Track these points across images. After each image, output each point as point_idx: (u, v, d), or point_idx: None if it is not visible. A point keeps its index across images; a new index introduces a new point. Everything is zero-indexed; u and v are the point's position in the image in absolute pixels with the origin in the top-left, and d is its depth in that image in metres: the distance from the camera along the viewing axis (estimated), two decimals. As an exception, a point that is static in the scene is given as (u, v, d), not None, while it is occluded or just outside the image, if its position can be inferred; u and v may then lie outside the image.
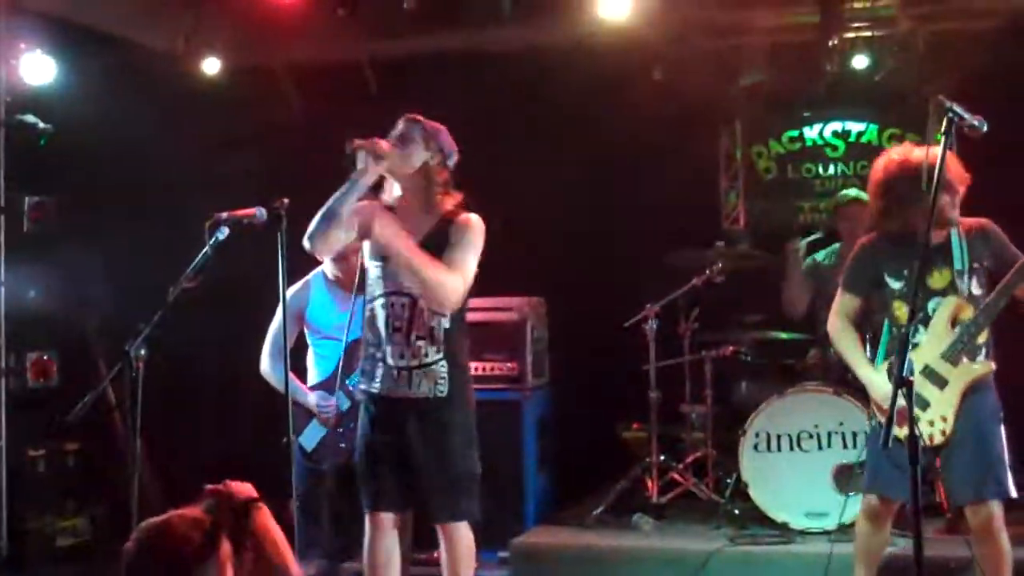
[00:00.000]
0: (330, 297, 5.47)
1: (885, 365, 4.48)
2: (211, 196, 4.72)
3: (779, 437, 5.76)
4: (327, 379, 5.43)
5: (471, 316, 5.58)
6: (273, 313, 5.22)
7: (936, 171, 3.66)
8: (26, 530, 6.37)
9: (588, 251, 6.94)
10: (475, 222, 4.37)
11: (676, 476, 6.25)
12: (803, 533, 5.62)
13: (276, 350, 5.24)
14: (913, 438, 3.35)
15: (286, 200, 4.21)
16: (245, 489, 2.92)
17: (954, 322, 4.38)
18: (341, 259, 5.37)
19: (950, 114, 3.65)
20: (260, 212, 4.38)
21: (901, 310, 4.47)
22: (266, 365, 5.32)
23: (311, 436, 5.38)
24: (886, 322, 4.55)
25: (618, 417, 6.72)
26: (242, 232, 4.38)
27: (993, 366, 4.44)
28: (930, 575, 4.94)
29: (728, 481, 5.99)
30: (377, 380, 4.37)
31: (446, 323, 4.33)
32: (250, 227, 4.41)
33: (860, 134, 7.48)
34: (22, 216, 6.55)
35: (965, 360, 4.37)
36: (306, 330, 5.49)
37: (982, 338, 4.42)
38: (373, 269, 4.41)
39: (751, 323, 6.40)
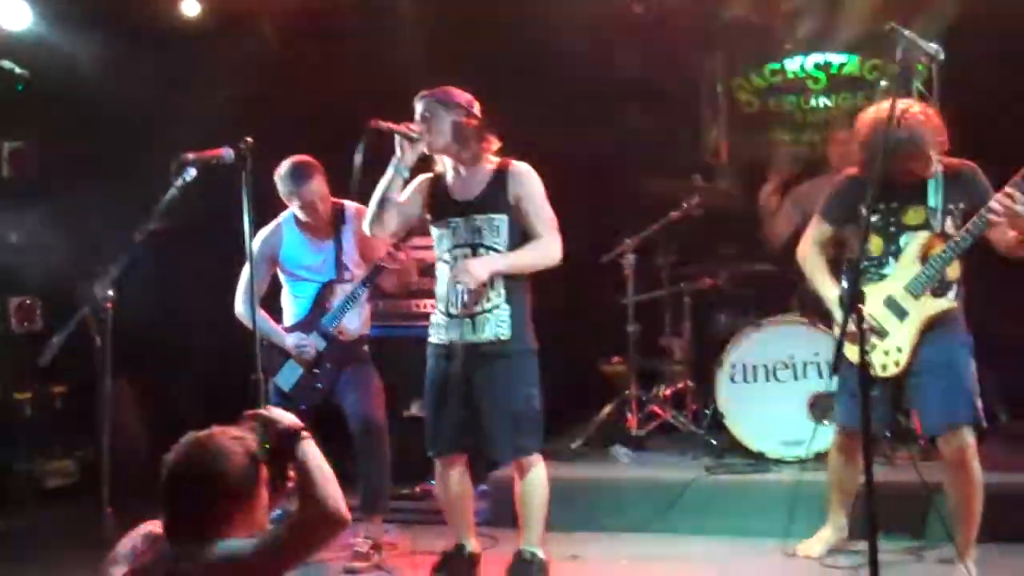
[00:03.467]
0: (303, 239, 5.49)
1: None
2: (194, 137, 4.72)
3: (755, 368, 5.81)
4: (302, 320, 5.47)
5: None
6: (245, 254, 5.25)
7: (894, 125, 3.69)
8: (14, 472, 6.48)
9: (567, 185, 6.91)
10: (527, 170, 4.67)
11: (655, 408, 6.32)
12: (778, 462, 5.68)
13: (247, 293, 5.28)
14: (864, 366, 3.39)
15: (250, 139, 4.23)
16: (288, 418, 2.95)
17: (924, 257, 4.43)
18: (308, 204, 5.39)
19: (904, 43, 3.66)
20: (227, 152, 4.38)
21: (874, 242, 4.52)
22: (240, 307, 5.36)
23: (287, 376, 5.43)
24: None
25: (598, 351, 6.77)
26: (210, 172, 4.41)
27: (956, 303, 4.49)
28: (904, 501, 5.15)
29: (706, 412, 6.05)
30: (444, 330, 4.68)
31: None
32: (218, 167, 4.44)
33: (842, 66, 7.45)
34: (1, 162, 6.58)
35: (928, 295, 4.42)
36: (280, 272, 5.52)
37: (951, 276, 4.47)
38: (434, 232, 4.73)
39: (729, 255, 6.43)
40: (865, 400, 3.92)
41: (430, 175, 4.79)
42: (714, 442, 5.93)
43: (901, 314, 4.43)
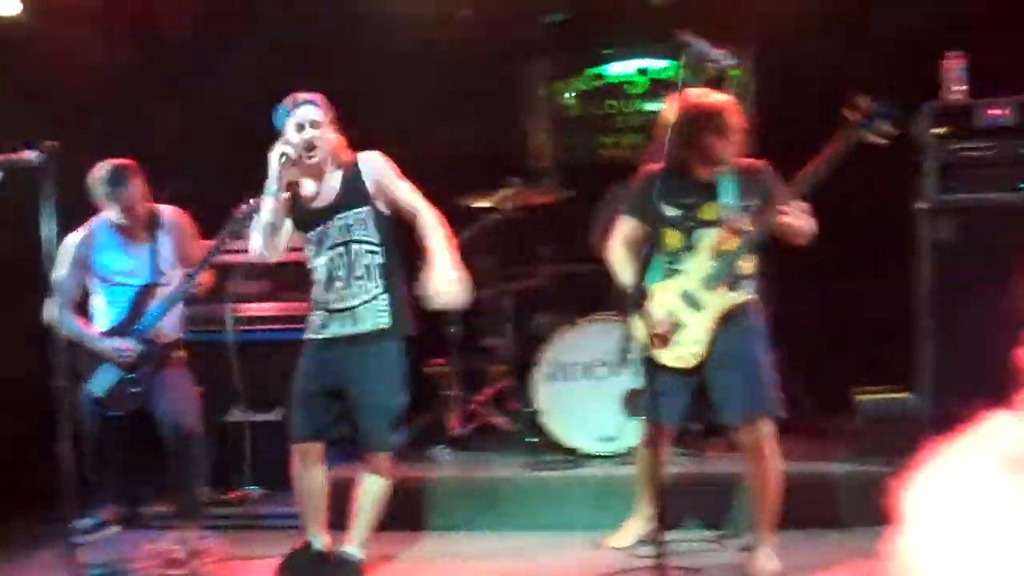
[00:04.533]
0: (117, 242, 5.43)
1: (651, 289, 4.64)
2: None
3: (572, 366, 5.93)
4: (118, 324, 5.40)
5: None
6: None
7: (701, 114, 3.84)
8: None
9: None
10: (374, 156, 4.73)
11: (477, 409, 6.40)
12: (594, 457, 5.82)
13: (60, 298, 5.18)
14: (650, 360, 3.49)
15: (56, 142, 4.17)
16: None
17: (718, 253, 4.59)
18: (128, 208, 5.33)
19: (690, 49, 3.81)
20: (33, 154, 4.33)
21: (671, 237, 4.67)
22: (51, 313, 5.25)
23: (101, 382, 5.35)
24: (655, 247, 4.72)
25: (420, 353, 6.80)
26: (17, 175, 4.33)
27: (751, 297, 4.66)
28: (709, 492, 5.34)
29: (525, 411, 6.15)
30: (325, 327, 4.70)
31: (379, 259, 4.66)
32: (25, 170, 4.37)
33: (661, 71, 7.65)
34: None
35: (723, 289, 4.59)
36: (92, 277, 5.44)
37: (745, 271, 4.64)
38: (311, 238, 4.71)
39: (550, 256, 6.54)
40: (652, 393, 4.14)
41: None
42: (534, 440, 6.01)
43: (697, 307, 4.59)
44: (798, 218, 4.47)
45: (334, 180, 4.71)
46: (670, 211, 4.67)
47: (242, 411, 5.94)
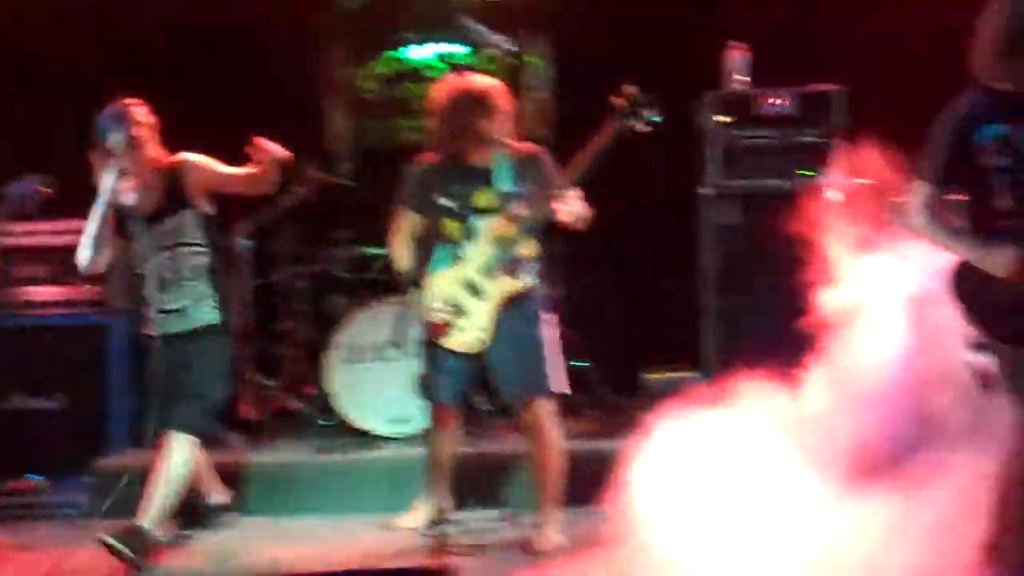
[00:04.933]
0: None
1: (434, 278, 4.70)
2: None
3: (365, 349, 5.92)
4: None
5: (53, 240, 5.48)
6: None
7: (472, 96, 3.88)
8: None
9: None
10: (192, 157, 4.81)
11: (272, 393, 6.32)
12: (387, 439, 5.83)
13: None
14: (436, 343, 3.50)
15: None
16: None
17: (496, 240, 4.65)
18: None
19: (470, 33, 3.84)
20: None
21: (450, 226, 4.70)
22: None
23: None
24: (436, 236, 4.77)
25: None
26: None
27: (530, 283, 4.73)
28: (496, 471, 5.41)
29: (319, 395, 6.10)
30: (158, 324, 4.87)
31: (205, 259, 4.82)
32: None
33: (460, 56, 7.67)
34: None
35: (504, 275, 4.65)
36: None
37: (525, 256, 4.70)
38: (142, 238, 4.83)
39: (344, 239, 6.50)
40: (432, 375, 4.36)
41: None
42: (329, 424, 5.99)
43: (479, 294, 4.65)
44: (570, 204, 4.54)
45: (155, 186, 4.78)
46: (446, 201, 4.71)
47: (21, 398, 5.75)
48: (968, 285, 3.68)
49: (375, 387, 5.88)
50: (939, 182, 3.68)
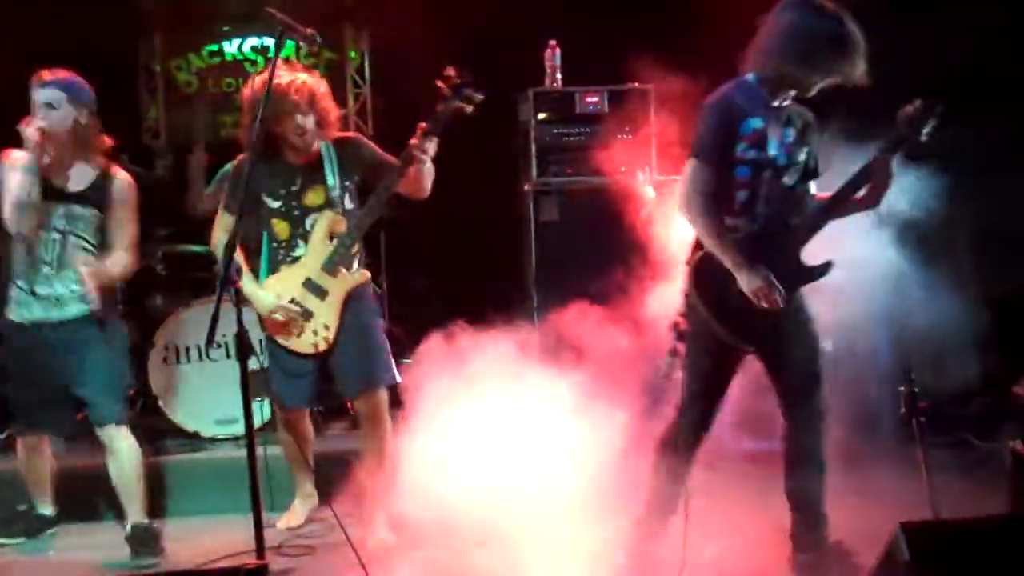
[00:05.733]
0: None
1: (270, 280, 4.69)
2: None
3: (187, 348, 5.85)
4: None
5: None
6: None
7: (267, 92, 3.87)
8: None
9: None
10: (131, 186, 4.84)
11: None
12: (213, 440, 5.79)
13: None
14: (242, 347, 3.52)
15: None
16: None
17: (331, 236, 4.64)
18: None
19: (281, 28, 3.85)
20: None
21: (280, 226, 4.69)
22: None
23: None
24: (265, 237, 4.74)
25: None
26: None
27: (367, 274, 4.79)
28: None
29: (142, 396, 5.99)
30: (27, 309, 4.70)
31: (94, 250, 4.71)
32: None
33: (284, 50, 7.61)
34: None
35: (343, 271, 4.66)
36: None
37: (355, 249, 4.72)
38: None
39: (162, 236, 6.40)
40: (276, 377, 4.27)
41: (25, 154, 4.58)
42: (154, 426, 5.85)
43: (321, 293, 4.64)
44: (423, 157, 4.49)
45: (87, 174, 4.72)
46: (272, 202, 4.67)
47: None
48: (712, 281, 3.91)
49: (201, 387, 5.82)
50: (711, 164, 3.88)
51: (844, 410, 4.28)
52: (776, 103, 3.90)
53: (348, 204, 4.69)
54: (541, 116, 6.03)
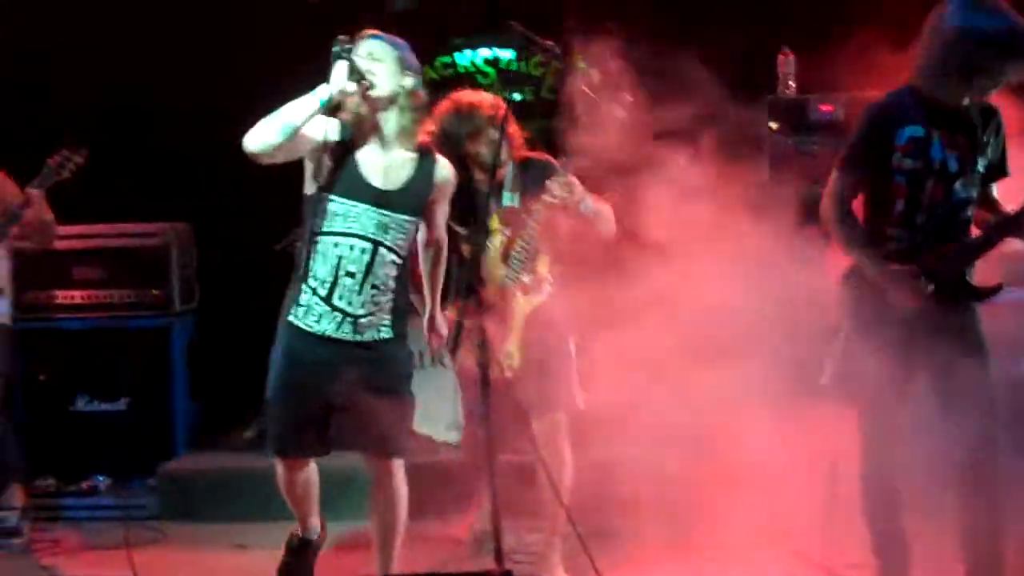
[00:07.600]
0: None
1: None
2: None
3: (420, 354, 5.86)
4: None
5: (113, 243, 5.53)
6: None
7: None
8: None
9: (235, 176, 6.86)
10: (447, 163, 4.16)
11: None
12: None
13: None
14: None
15: None
16: None
17: (506, 257, 4.50)
18: None
19: (526, 41, 3.89)
20: None
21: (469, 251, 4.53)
22: None
23: None
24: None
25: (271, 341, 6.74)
26: None
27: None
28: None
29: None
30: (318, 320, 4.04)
31: (395, 272, 4.04)
32: None
33: (510, 62, 7.72)
34: None
35: (519, 294, 4.49)
36: None
37: (542, 271, 4.55)
38: (330, 202, 3.95)
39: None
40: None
41: (334, 137, 3.96)
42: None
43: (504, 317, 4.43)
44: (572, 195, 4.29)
45: (404, 161, 4.02)
46: (461, 226, 4.53)
47: (87, 401, 5.86)
48: (860, 293, 3.79)
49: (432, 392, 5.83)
50: (855, 174, 3.78)
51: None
52: (944, 109, 3.74)
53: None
54: (773, 125, 5.93)
